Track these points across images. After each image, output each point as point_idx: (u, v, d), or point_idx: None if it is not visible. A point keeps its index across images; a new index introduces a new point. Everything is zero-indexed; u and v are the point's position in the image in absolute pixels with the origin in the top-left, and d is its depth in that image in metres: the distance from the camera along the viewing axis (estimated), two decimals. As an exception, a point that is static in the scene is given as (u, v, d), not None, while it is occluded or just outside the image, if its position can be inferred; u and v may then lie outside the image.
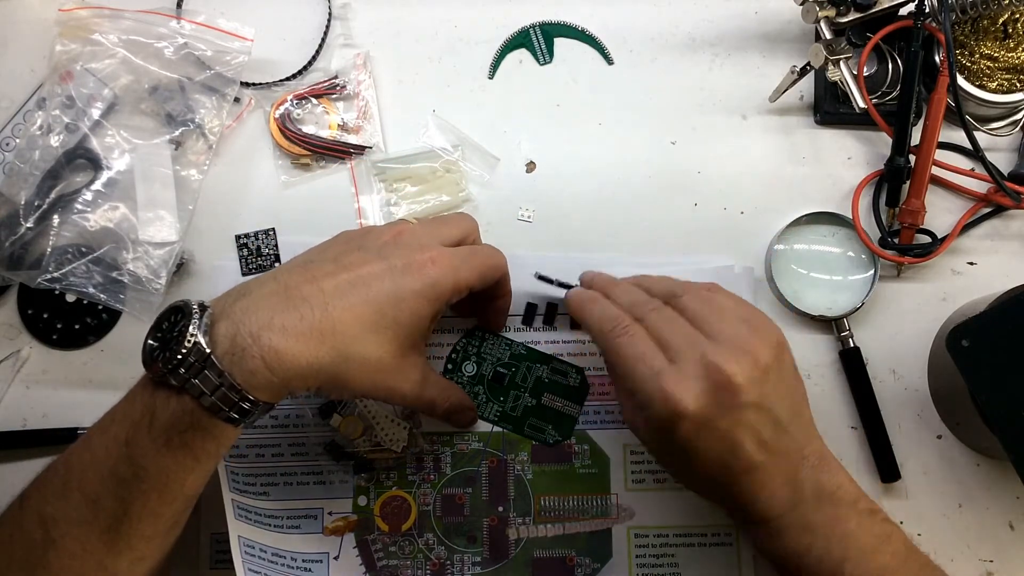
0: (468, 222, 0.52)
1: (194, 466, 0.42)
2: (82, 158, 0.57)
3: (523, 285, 0.57)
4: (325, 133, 0.60)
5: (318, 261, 0.46)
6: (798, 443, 0.44)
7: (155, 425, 0.41)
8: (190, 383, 0.40)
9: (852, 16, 0.55)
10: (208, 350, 0.40)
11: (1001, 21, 0.58)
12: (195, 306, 0.41)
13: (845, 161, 0.59)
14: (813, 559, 0.42)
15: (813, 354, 0.57)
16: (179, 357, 0.39)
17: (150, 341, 0.41)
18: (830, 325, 0.57)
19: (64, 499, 0.42)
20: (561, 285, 0.54)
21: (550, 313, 0.57)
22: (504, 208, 0.59)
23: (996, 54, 0.58)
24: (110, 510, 0.41)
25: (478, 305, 0.55)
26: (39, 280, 0.55)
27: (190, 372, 0.40)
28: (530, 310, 0.57)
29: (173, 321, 0.41)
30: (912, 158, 0.57)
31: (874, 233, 0.57)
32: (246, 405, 0.41)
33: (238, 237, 0.58)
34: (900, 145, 0.56)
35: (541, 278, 0.55)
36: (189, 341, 0.39)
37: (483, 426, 0.56)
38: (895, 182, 0.57)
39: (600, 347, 0.47)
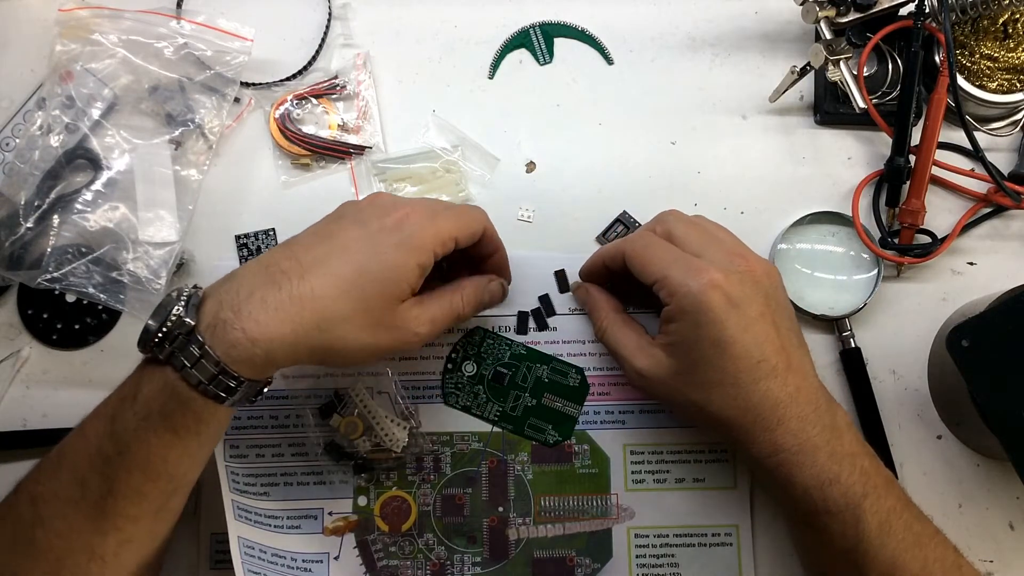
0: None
1: (174, 441, 0.42)
2: (82, 158, 0.57)
3: (523, 286, 0.57)
4: (325, 133, 0.60)
5: (299, 237, 0.47)
6: (811, 369, 0.47)
7: (138, 399, 0.42)
8: (173, 356, 0.41)
9: (852, 16, 0.55)
10: (192, 323, 0.41)
11: (1001, 21, 0.58)
12: (188, 287, 0.43)
13: (845, 161, 0.59)
14: (839, 490, 0.43)
15: (813, 354, 0.56)
16: (164, 331, 0.41)
17: (149, 322, 0.42)
18: (831, 325, 0.57)
19: (55, 479, 0.43)
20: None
21: (542, 314, 0.57)
22: (504, 208, 0.59)
23: (996, 54, 0.58)
24: (95, 488, 0.42)
25: (476, 268, 0.54)
26: (39, 280, 0.55)
27: (174, 345, 0.41)
28: (522, 319, 0.57)
29: (167, 303, 0.43)
30: (912, 158, 0.57)
31: (874, 233, 0.57)
32: (231, 382, 0.41)
33: (238, 237, 0.58)
34: (900, 145, 0.56)
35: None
36: (174, 316, 0.41)
37: (483, 426, 0.56)
38: (895, 182, 0.57)
39: (627, 257, 0.49)
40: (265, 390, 0.45)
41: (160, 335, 0.41)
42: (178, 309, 0.41)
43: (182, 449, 0.43)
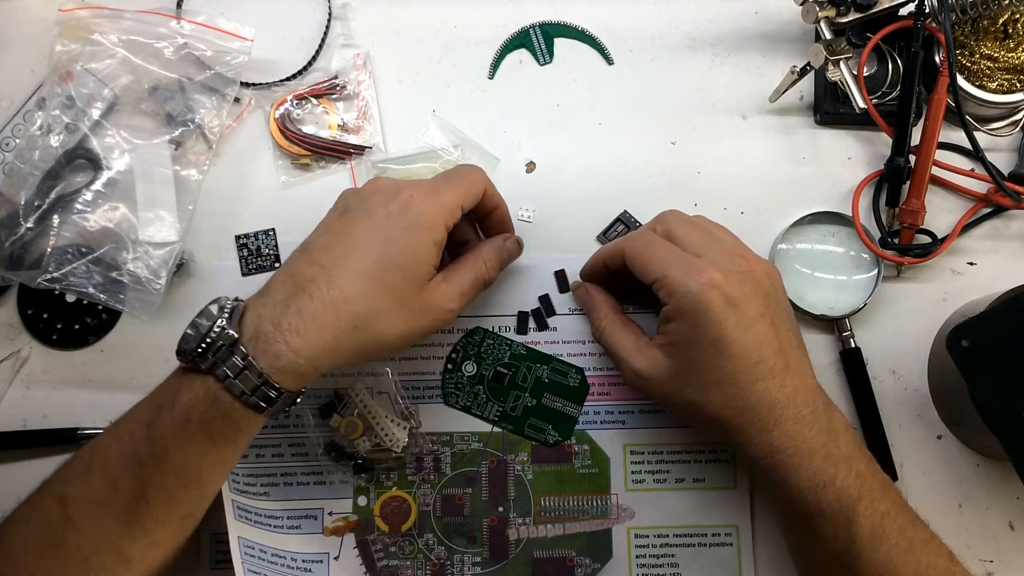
0: None
1: (210, 448, 0.43)
2: (82, 158, 0.57)
3: (523, 286, 0.57)
4: (325, 133, 0.60)
5: (313, 239, 0.48)
6: (809, 371, 0.47)
7: (177, 405, 0.42)
8: (216, 366, 0.42)
9: (852, 16, 0.55)
10: (235, 336, 0.42)
11: (1001, 21, 0.58)
12: (229, 300, 0.44)
13: (845, 161, 0.59)
14: (834, 493, 0.43)
15: (813, 354, 0.56)
16: (207, 342, 0.42)
17: (188, 331, 0.43)
18: (831, 325, 0.57)
19: (85, 480, 0.43)
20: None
21: (542, 314, 0.57)
22: (504, 208, 0.59)
23: (996, 54, 0.58)
24: (128, 491, 0.42)
25: (479, 224, 0.55)
26: (39, 280, 0.55)
27: (217, 356, 0.42)
28: (522, 319, 0.57)
29: (208, 314, 0.43)
30: (912, 158, 0.57)
31: (874, 233, 0.57)
32: (272, 393, 0.42)
33: (238, 237, 0.58)
34: (900, 145, 0.56)
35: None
36: (218, 328, 0.42)
37: (483, 426, 0.56)
38: (895, 182, 0.57)
39: (627, 256, 0.49)
40: (298, 400, 0.46)
41: (204, 345, 0.42)
42: (221, 321, 0.42)
43: (216, 456, 0.43)
